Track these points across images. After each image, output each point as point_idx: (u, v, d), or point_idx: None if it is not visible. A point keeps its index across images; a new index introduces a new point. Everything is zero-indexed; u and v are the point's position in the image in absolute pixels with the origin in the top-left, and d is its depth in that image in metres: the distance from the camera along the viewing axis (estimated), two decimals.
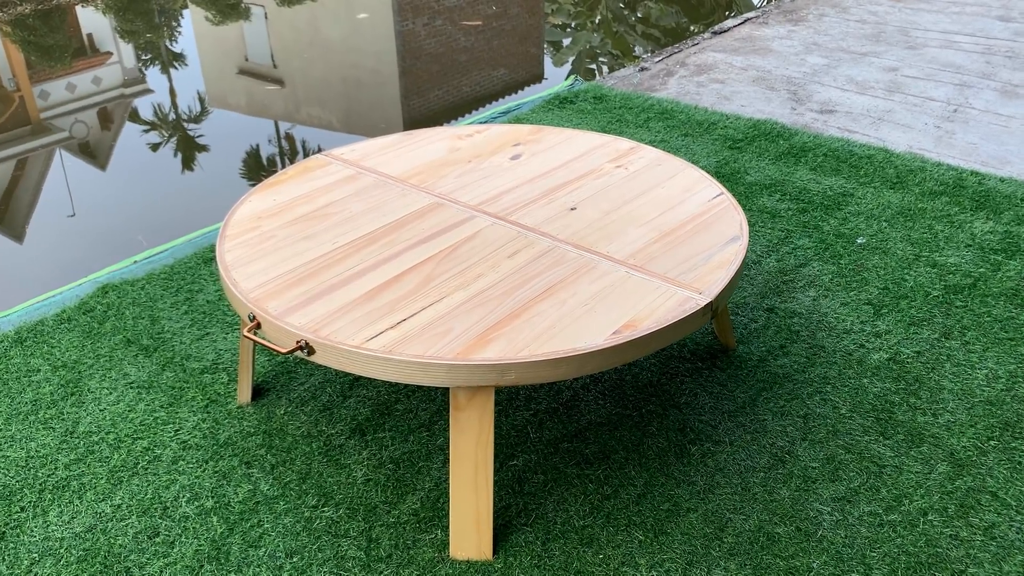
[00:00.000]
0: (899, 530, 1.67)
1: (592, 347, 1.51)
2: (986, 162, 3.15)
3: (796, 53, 4.34)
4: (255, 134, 4.36)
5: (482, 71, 5.52)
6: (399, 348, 1.51)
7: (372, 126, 4.49)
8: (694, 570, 1.60)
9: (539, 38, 6.33)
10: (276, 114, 4.69)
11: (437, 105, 4.92)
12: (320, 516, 1.73)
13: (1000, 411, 1.95)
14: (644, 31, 6.15)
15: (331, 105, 4.76)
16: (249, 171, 3.85)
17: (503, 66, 5.59)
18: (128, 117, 4.71)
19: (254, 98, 4.97)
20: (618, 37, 5.98)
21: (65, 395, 2.08)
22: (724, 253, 1.78)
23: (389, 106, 4.83)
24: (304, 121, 4.62)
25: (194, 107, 4.79)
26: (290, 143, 4.32)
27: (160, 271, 2.56)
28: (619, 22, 6.35)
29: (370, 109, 4.71)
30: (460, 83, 5.35)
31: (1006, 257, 2.53)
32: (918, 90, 3.82)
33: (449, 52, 5.92)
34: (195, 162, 3.98)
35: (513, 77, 5.40)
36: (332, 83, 5.08)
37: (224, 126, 4.50)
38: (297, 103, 4.92)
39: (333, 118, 4.66)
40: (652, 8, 6.55)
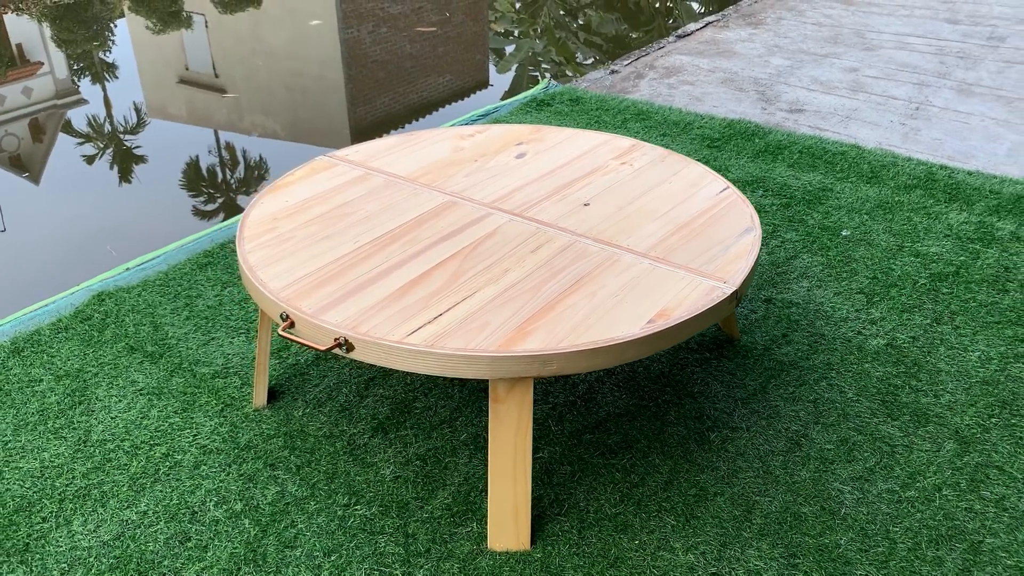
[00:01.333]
0: (917, 505, 1.74)
1: (630, 336, 1.54)
2: (952, 156, 3.29)
3: (759, 55, 4.46)
4: (196, 144, 4.29)
5: (428, 78, 5.54)
6: (441, 342, 1.53)
7: (319, 133, 4.46)
8: (728, 551, 1.64)
9: (484, 45, 6.38)
10: (219, 123, 4.62)
11: (384, 112, 4.93)
12: (353, 514, 1.73)
13: (997, 390, 2.04)
14: (586, 38, 6.24)
15: (276, 114, 4.71)
16: (189, 183, 3.78)
17: (449, 73, 5.62)
18: (61, 129, 4.60)
19: (195, 108, 4.89)
20: (561, 44, 6.06)
21: (72, 404, 2.04)
22: (741, 244, 1.83)
23: (336, 114, 4.82)
24: (247, 130, 4.58)
25: (131, 118, 4.68)
26: (230, 154, 4.28)
27: (155, 278, 2.52)
28: (561, 29, 6.42)
29: (316, 117, 4.68)
30: (407, 90, 5.36)
31: (983, 246, 2.64)
32: (880, 89, 3.96)
33: (395, 59, 5.93)
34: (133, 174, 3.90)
35: (459, 84, 5.44)
36: (276, 91, 5.03)
37: (164, 136, 4.41)
38: (240, 112, 4.87)
39: (278, 127, 4.62)
40: (592, 16, 6.64)
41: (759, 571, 1.60)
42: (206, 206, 3.58)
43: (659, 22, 6.57)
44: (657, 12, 6.86)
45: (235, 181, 3.90)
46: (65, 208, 3.54)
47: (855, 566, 1.61)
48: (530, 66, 5.61)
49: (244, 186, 3.84)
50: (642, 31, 6.32)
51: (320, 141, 4.35)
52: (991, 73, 4.13)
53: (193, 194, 3.68)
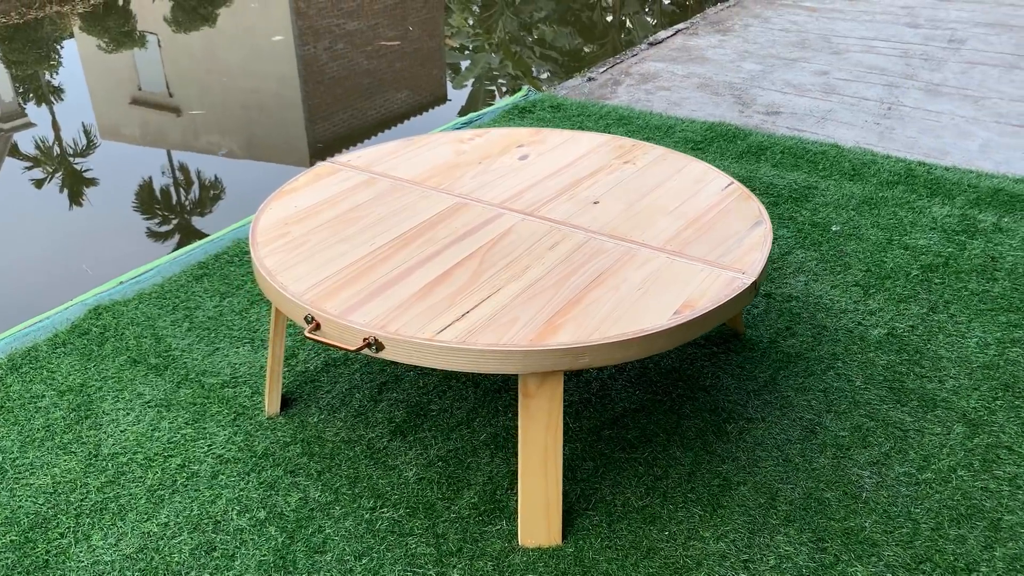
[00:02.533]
0: (935, 487, 1.77)
1: (658, 327, 1.56)
2: (928, 154, 3.37)
3: (731, 61, 4.54)
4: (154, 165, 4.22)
5: (386, 93, 5.54)
6: (472, 338, 1.53)
7: (277, 151, 4.42)
8: (757, 538, 1.66)
9: (440, 60, 6.40)
10: (174, 143, 4.56)
11: (344, 128, 4.92)
12: (380, 517, 1.71)
13: (998, 374, 2.09)
14: (542, 52, 6.30)
15: (233, 132, 4.67)
16: (143, 204, 3.73)
17: (407, 88, 5.63)
18: (8, 152, 4.49)
19: (149, 128, 4.82)
20: (517, 58, 6.10)
21: (79, 418, 1.99)
22: (753, 236, 1.86)
23: (293, 131, 4.80)
24: (204, 149, 4.53)
25: (81, 140, 4.59)
26: (184, 175, 4.24)
27: (150, 290, 2.48)
28: (517, 43, 6.48)
29: (274, 135, 4.65)
30: (365, 106, 5.35)
31: (968, 238, 2.71)
32: (852, 91, 4.06)
33: (352, 75, 5.93)
34: (84, 197, 3.83)
35: (417, 99, 5.45)
36: (233, 110, 4.98)
37: (116, 158, 4.33)
38: (196, 131, 4.82)
39: (235, 145, 4.59)
40: (546, 31, 6.71)
41: (789, 556, 1.62)
42: (160, 227, 3.52)
43: (612, 36, 6.65)
44: (611, 26, 6.94)
45: (199, 201, 3.85)
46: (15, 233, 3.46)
47: (882, 547, 1.64)
48: (486, 80, 5.65)
49: (200, 207, 3.77)
50: (596, 45, 6.39)
51: (279, 159, 4.32)
52: (955, 74, 4.25)
53: (147, 216, 3.62)
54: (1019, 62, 4.40)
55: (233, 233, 2.79)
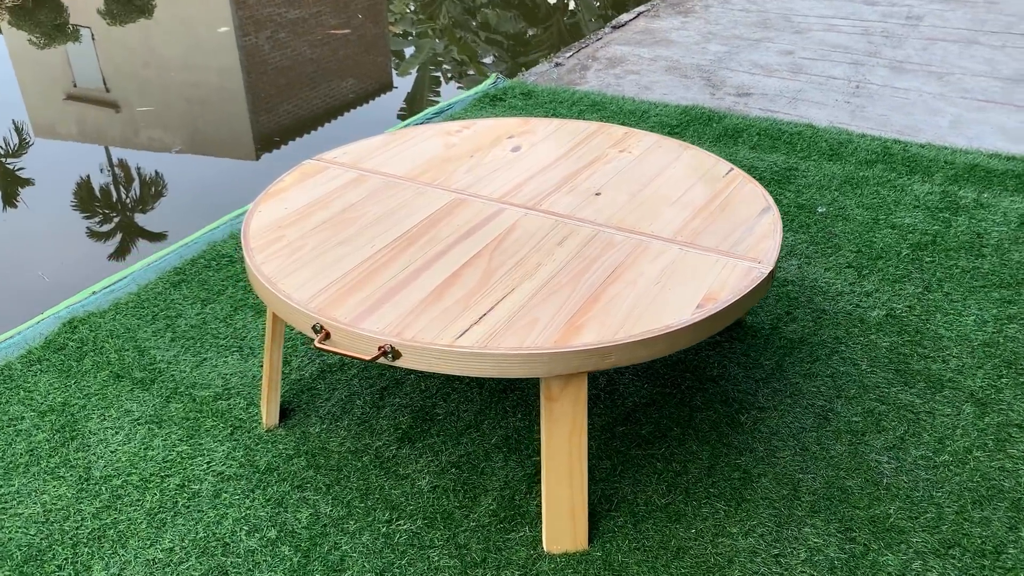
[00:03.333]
0: (953, 469, 1.77)
1: (683, 323, 1.52)
2: (901, 131, 3.39)
3: (696, 43, 4.51)
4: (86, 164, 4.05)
5: (331, 82, 5.43)
6: (493, 343, 1.47)
7: (221, 145, 4.29)
8: (785, 531, 1.64)
9: (385, 47, 6.30)
10: (113, 140, 4.40)
11: (289, 119, 4.80)
12: (398, 530, 1.65)
13: (999, 351, 2.10)
14: (487, 36, 6.23)
15: (175, 127, 4.52)
16: (83, 204, 3.58)
17: (351, 76, 5.52)
18: None
19: (87, 126, 4.64)
20: (462, 43, 6.02)
21: (64, 440, 1.88)
22: (763, 224, 1.83)
23: (237, 123, 4.67)
24: (145, 145, 4.38)
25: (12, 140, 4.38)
26: (124, 172, 4.09)
27: (126, 300, 2.36)
28: (461, 28, 6.39)
29: (217, 128, 4.51)
30: (310, 96, 5.24)
31: (952, 214, 2.73)
32: (819, 70, 4.06)
33: (295, 65, 5.79)
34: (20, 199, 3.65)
35: (363, 87, 5.35)
36: (174, 104, 4.82)
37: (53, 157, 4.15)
38: (136, 127, 4.66)
39: (178, 140, 4.45)
40: (489, 15, 6.63)
41: (819, 548, 1.60)
42: (101, 227, 3.38)
43: (557, 19, 6.59)
44: (555, 9, 6.88)
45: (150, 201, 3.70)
46: None
47: (910, 534, 1.62)
48: (431, 66, 5.56)
49: (147, 206, 3.62)
50: (541, 28, 6.33)
51: (223, 152, 4.18)
52: (917, 50, 4.29)
53: (87, 215, 3.47)
54: (977, 37, 4.46)
55: (207, 236, 2.67)
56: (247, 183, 3.78)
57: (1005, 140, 3.30)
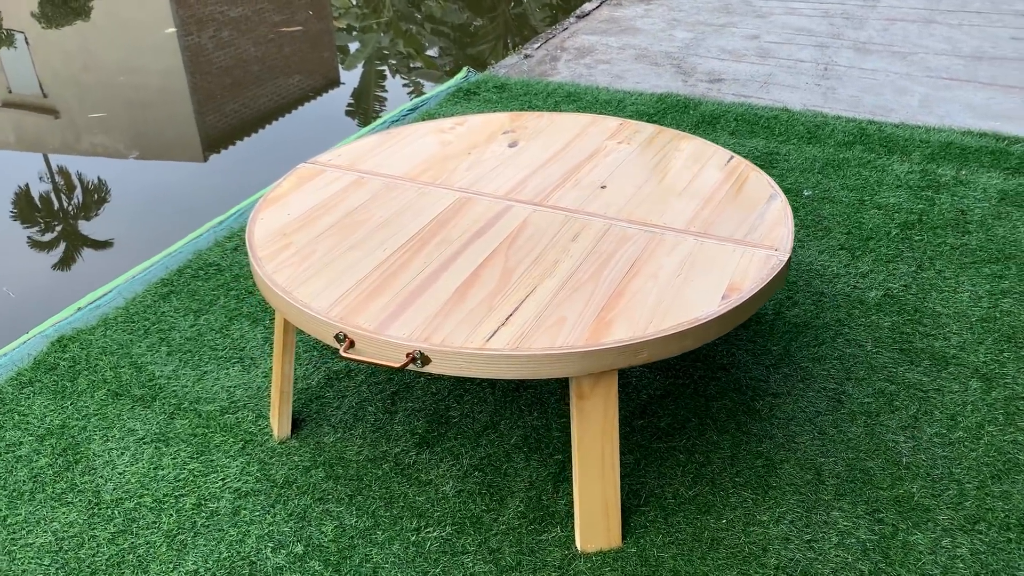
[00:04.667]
0: (968, 445, 1.80)
1: (712, 314, 1.51)
2: (874, 112, 3.44)
3: (662, 30, 4.52)
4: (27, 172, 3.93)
5: (277, 80, 5.36)
6: (525, 343, 1.45)
7: (168, 148, 4.20)
8: (814, 516, 1.65)
9: (331, 43, 6.23)
10: (53, 147, 4.27)
11: (236, 119, 4.72)
12: (428, 538, 1.62)
13: (997, 326, 2.14)
14: (433, 28, 6.19)
15: (118, 131, 4.40)
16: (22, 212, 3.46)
17: (298, 73, 5.45)
18: None
19: (25, 132, 4.50)
20: (409, 36, 5.97)
21: (67, 464, 1.82)
22: (773, 210, 1.83)
23: (183, 125, 4.57)
24: (88, 151, 4.27)
25: None
26: (64, 179, 3.98)
27: (114, 315, 2.29)
28: (407, 21, 6.34)
29: (163, 131, 4.41)
30: (257, 94, 5.16)
31: (934, 192, 2.77)
32: (786, 54, 4.10)
33: (240, 64, 5.70)
34: None
35: (310, 84, 5.29)
36: (116, 108, 4.70)
37: None
38: (77, 132, 4.54)
39: (121, 144, 4.34)
40: (433, 6, 6.58)
41: (849, 531, 1.61)
42: (43, 236, 3.28)
43: (503, 8, 6.56)
44: None
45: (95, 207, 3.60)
46: None
47: (935, 512, 1.65)
48: (377, 61, 5.50)
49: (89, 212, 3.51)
50: (487, 18, 6.29)
51: (170, 155, 4.09)
52: (879, 31, 4.36)
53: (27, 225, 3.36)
54: (934, 16, 4.54)
55: (192, 245, 2.60)
56: (201, 186, 3.69)
57: (974, 117, 3.36)
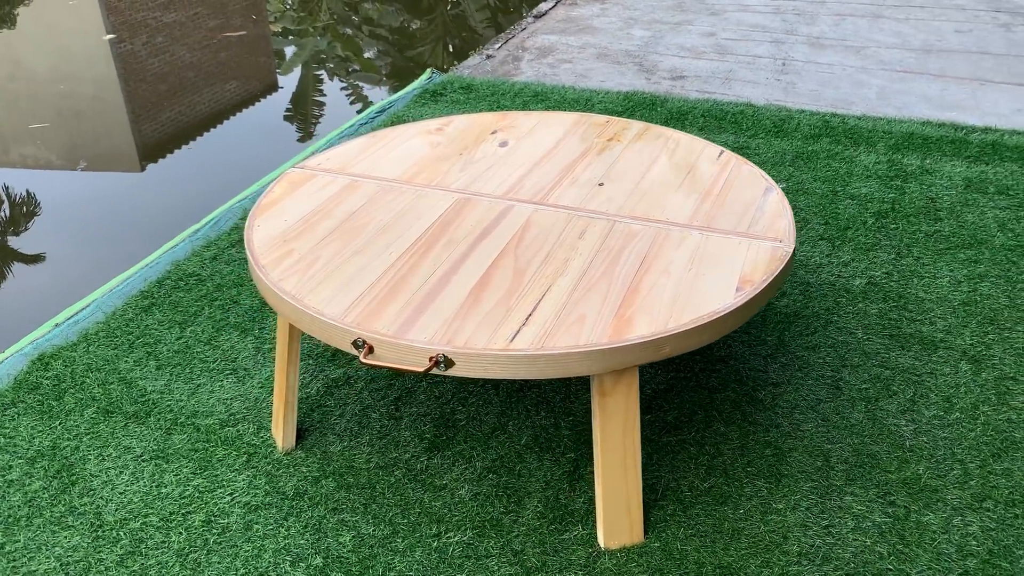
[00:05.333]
0: (966, 425, 1.85)
1: (728, 308, 1.53)
2: (835, 105, 3.52)
3: (619, 29, 4.56)
4: None
5: (214, 86, 5.28)
6: (549, 343, 1.44)
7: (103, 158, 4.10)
8: (828, 502, 1.67)
9: (267, 47, 6.15)
10: None
11: (173, 127, 4.64)
12: (449, 543, 1.60)
13: (978, 310, 2.21)
14: (371, 31, 6.17)
15: (50, 141, 4.28)
16: None
17: (235, 79, 5.38)
18: None
19: None
20: (347, 39, 5.93)
21: (63, 486, 1.75)
22: (771, 203, 1.86)
23: (118, 134, 4.48)
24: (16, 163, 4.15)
25: None
26: None
27: (95, 329, 2.21)
28: (344, 24, 6.29)
29: (98, 141, 4.31)
30: (194, 101, 5.08)
31: (902, 182, 2.85)
32: (743, 50, 4.17)
33: (175, 70, 5.60)
34: None
35: (247, 89, 5.23)
36: (47, 118, 4.57)
37: None
38: (5, 144, 4.41)
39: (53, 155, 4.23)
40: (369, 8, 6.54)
41: (864, 515, 1.64)
42: None
43: (441, 10, 6.55)
44: (438, 1, 6.82)
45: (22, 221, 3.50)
46: None
47: (943, 492, 1.69)
48: (314, 64, 5.45)
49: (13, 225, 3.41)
50: (425, 20, 6.28)
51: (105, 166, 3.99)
52: (830, 26, 4.46)
53: None
54: (881, 11, 4.66)
55: (168, 255, 2.53)
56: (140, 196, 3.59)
57: (931, 108, 3.46)
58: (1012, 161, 2.95)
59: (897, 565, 1.54)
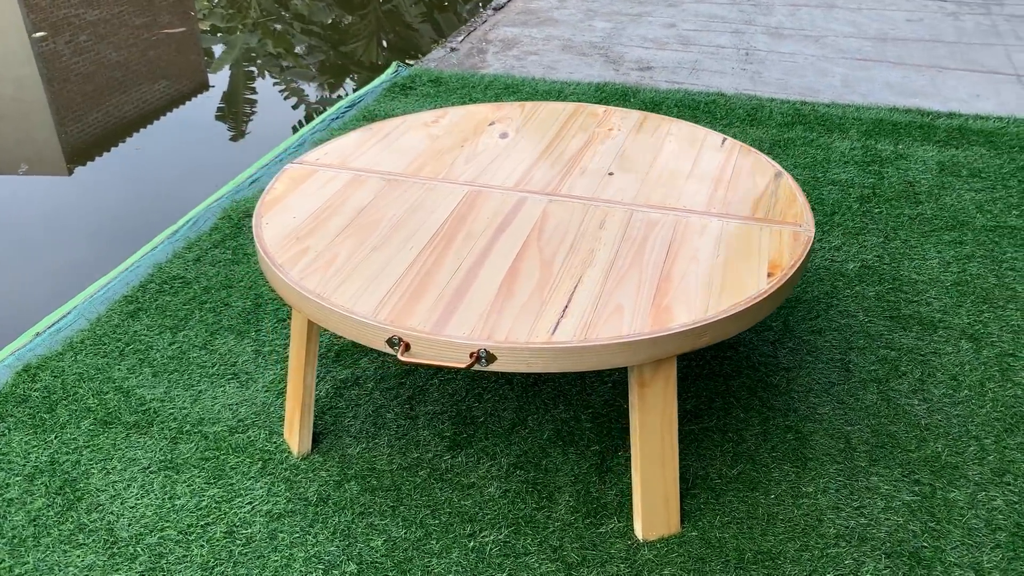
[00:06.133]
0: (976, 402, 1.89)
1: (763, 293, 1.52)
2: (803, 93, 3.57)
3: (580, 20, 4.55)
4: None
5: (142, 86, 5.15)
6: (591, 334, 1.42)
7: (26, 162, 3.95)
8: (856, 483, 1.69)
9: (196, 45, 6.03)
10: None
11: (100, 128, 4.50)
12: (485, 542, 1.57)
13: (971, 289, 2.26)
14: (303, 27, 6.08)
15: None
16: None
17: (164, 78, 5.25)
18: None
19: None
20: (278, 36, 5.83)
21: (69, 503, 1.66)
22: (783, 187, 1.86)
23: (42, 136, 4.33)
24: None
25: None
26: None
27: (80, 337, 2.11)
28: (274, 20, 6.18)
29: (20, 144, 4.15)
30: (121, 101, 4.95)
31: (879, 166, 2.90)
32: (706, 41, 4.20)
33: (101, 70, 5.44)
34: None
35: (177, 89, 5.11)
36: None
37: None
38: None
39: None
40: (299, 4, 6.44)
41: (892, 495, 1.66)
42: None
43: (374, 5, 6.47)
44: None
45: None
46: None
47: (964, 469, 1.72)
48: (245, 62, 5.33)
49: None
50: (357, 15, 6.20)
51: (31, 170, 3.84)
52: (787, 16, 4.53)
53: None
54: (834, 1, 4.75)
55: (149, 258, 2.43)
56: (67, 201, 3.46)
57: (894, 94, 3.54)
58: (979, 145, 3.03)
59: (932, 542, 1.56)
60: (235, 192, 2.78)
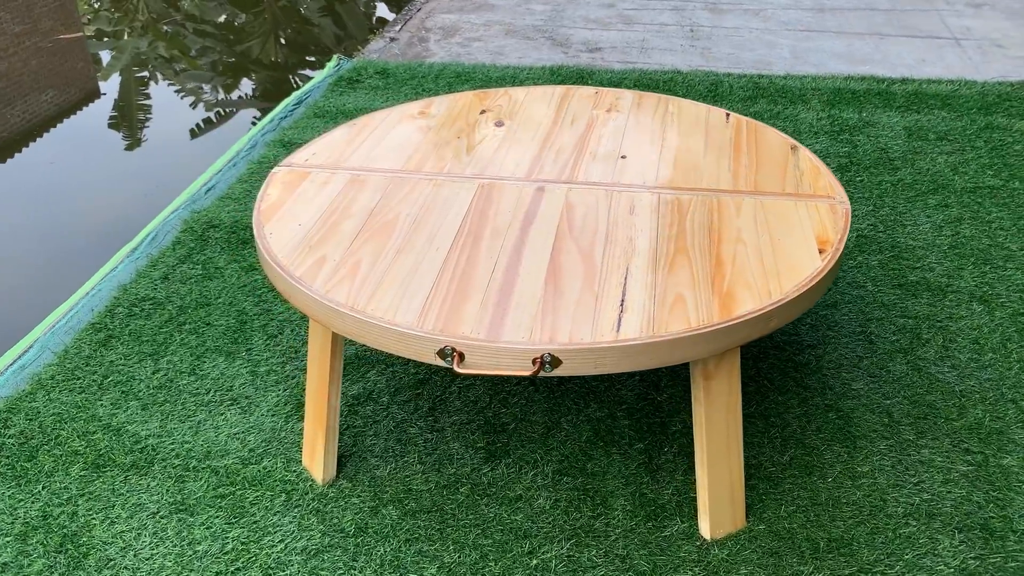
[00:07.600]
0: (1002, 364, 1.87)
1: (820, 272, 1.46)
2: (756, 66, 3.55)
3: (518, 4, 4.45)
4: None
5: (28, 97, 4.87)
6: (661, 329, 1.32)
7: None
8: (908, 458, 1.65)
9: (83, 51, 5.73)
10: None
11: None
12: (548, 559, 1.46)
13: (968, 252, 2.26)
14: (195, 28, 5.85)
15: None
16: None
17: (51, 87, 4.98)
18: None
19: None
20: (170, 38, 5.59)
21: (74, 562, 1.48)
22: (803, 160, 1.81)
23: None
24: None
25: None
26: None
27: (49, 373, 1.90)
28: (165, 22, 5.92)
29: None
30: (6, 114, 4.67)
31: (850, 135, 2.90)
32: (649, 19, 4.15)
33: None
34: None
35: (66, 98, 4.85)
36: None
37: None
38: None
39: None
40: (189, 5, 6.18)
41: (947, 467, 1.63)
42: None
43: (268, 1, 6.25)
44: None
45: None
46: None
47: (1010, 434, 1.70)
48: (136, 67, 5.08)
49: None
50: (251, 14, 5.97)
51: None
52: None
53: None
54: None
55: (111, 279, 2.22)
56: None
57: (844, 63, 3.56)
58: (939, 108, 3.07)
59: (998, 512, 1.54)
60: (192, 202, 2.58)
